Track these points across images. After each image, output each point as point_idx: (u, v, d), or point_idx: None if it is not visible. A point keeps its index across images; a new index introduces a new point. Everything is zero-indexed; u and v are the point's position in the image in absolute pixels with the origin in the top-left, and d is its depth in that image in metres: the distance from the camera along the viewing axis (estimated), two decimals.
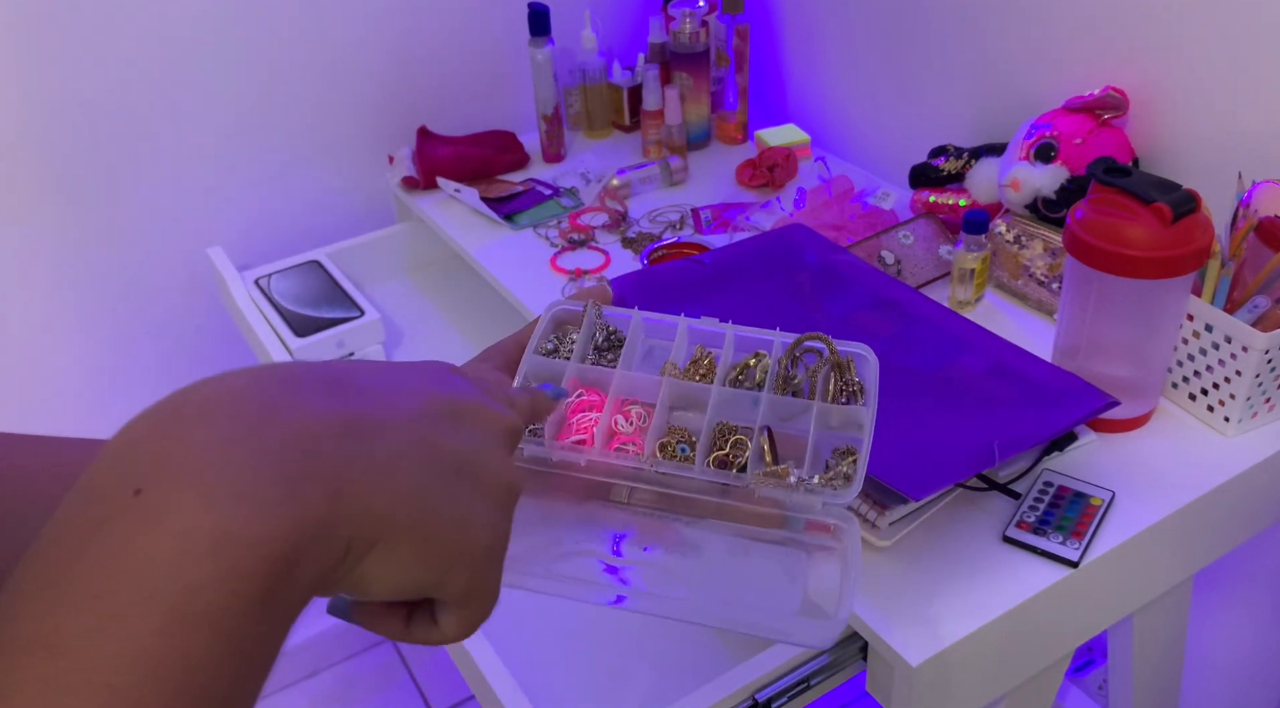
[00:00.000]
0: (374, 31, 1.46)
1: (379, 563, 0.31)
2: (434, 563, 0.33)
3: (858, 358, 0.59)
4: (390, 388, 0.35)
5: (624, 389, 0.58)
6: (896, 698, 0.77)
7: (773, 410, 0.58)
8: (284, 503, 0.28)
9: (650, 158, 1.50)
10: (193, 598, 0.26)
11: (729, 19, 1.50)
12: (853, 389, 0.59)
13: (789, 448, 0.57)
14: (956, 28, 1.28)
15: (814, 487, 0.54)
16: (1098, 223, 0.85)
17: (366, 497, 0.30)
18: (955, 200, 1.20)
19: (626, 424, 0.58)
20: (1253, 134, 1.00)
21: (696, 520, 0.55)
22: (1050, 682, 0.94)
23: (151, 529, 0.26)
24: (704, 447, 0.56)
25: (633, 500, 0.56)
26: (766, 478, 0.54)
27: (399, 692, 1.88)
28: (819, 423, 0.57)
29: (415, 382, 0.36)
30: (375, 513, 0.31)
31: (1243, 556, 1.21)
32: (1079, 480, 0.87)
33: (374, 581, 0.32)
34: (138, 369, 1.50)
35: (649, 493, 0.55)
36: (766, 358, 0.59)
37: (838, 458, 0.57)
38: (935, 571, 0.81)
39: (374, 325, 1.26)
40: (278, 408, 0.30)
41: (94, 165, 1.35)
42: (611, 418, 0.57)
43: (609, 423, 0.57)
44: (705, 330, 0.61)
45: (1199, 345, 0.92)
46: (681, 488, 0.55)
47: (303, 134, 1.47)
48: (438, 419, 0.35)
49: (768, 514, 0.55)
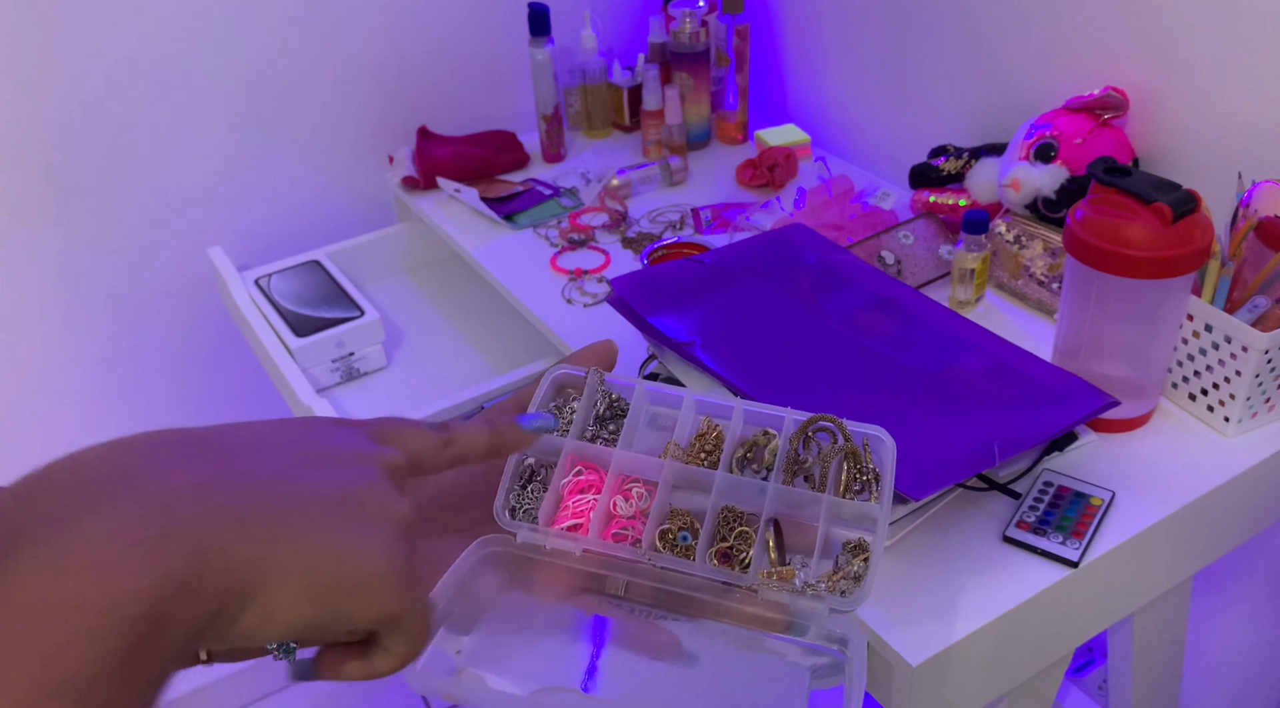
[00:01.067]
0: (374, 31, 1.46)
1: (263, 608, 0.31)
2: (324, 599, 0.33)
3: (873, 441, 0.55)
4: (253, 446, 0.35)
5: (624, 468, 0.55)
6: (896, 698, 0.77)
7: (781, 500, 0.54)
8: (141, 562, 0.28)
9: (650, 158, 1.50)
10: (51, 666, 0.26)
11: (729, 19, 1.50)
12: (868, 478, 0.54)
13: (798, 536, 0.54)
14: (956, 28, 1.28)
15: (820, 592, 0.51)
16: (1098, 223, 0.85)
17: (232, 548, 0.31)
18: (955, 200, 1.20)
19: (626, 506, 0.54)
20: (1253, 134, 1.00)
21: (694, 619, 0.52)
22: (1050, 682, 0.94)
23: (5, 600, 0.27)
24: (706, 536, 0.53)
25: (628, 595, 0.52)
26: (770, 579, 0.51)
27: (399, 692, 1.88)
28: (829, 516, 0.54)
29: (278, 438, 0.36)
30: (244, 562, 0.31)
31: (1243, 556, 1.21)
32: (1079, 480, 0.87)
33: (264, 624, 0.32)
34: (138, 369, 1.50)
35: (645, 587, 0.52)
36: (776, 438, 0.56)
37: (849, 555, 0.53)
38: (935, 571, 0.81)
39: (374, 325, 1.26)
40: (135, 475, 0.31)
41: (94, 165, 1.35)
42: (610, 499, 0.54)
43: (607, 504, 0.54)
44: (713, 403, 0.57)
45: (1199, 345, 0.92)
46: (680, 584, 0.52)
47: (303, 134, 1.47)
48: (304, 466, 0.35)
49: (770, 618, 0.51)
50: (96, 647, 0.27)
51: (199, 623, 0.30)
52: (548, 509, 0.53)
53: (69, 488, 0.30)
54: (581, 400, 0.55)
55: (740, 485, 0.54)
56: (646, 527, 0.53)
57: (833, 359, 0.91)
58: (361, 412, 1.22)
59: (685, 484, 0.56)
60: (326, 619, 0.33)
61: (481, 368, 1.31)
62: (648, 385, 0.57)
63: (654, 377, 0.96)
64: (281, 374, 1.21)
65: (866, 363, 0.91)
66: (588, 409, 0.56)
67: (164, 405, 1.55)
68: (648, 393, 0.57)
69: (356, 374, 1.28)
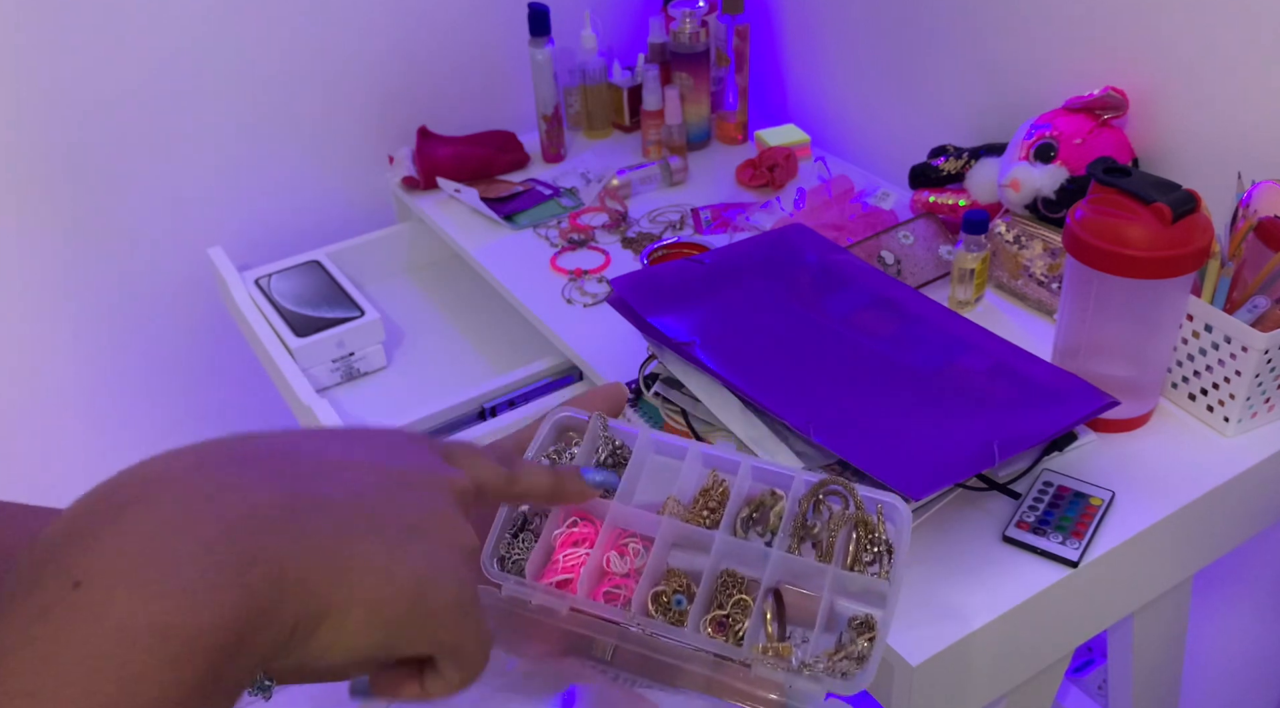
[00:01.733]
0: (374, 32, 1.46)
1: (329, 635, 0.32)
2: (391, 627, 0.33)
3: (888, 509, 0.50)
4: (334, 462, 0.35)
5: (621, 521, 0.52)
6: (896, 698, 0.77)
7: (784, 568, 0.50)
8: (226, 592, 0.28)
9: (650, 158, 1.50)
10: (130, 692, 0.26)
11: (729, 19, 1.50)
12: (879, 550, 0.50)
13: (801, 606, 0.50)
14: (956, 28, 1.28)
15: (817, 673, 0.47)
16: (1098, 223, 0.85)
17: (310, 576, 0.31)
18: (955, 200, 1.20)
19: (621, 563, 0.51)
20: (1253, 134, 1.00)
21: (680, 692, 0.49)
22: (1050, 682, 0.94)
23: (90, 623, 0.27)
24: (702, 601, 0.49)
25: (615, 661, 0.49)
26: (765, 654, 0.48)
27: None
28: (834, 589, 0.50)
29: (360, 454, 0.36)
30: (320, 591, 0.31)
31: (1243, 556, 1.21)
32: (1079, 480, 0.87)
33: (327, 651, 0.32)
34: (138, 369, 1.50)
35: (633, 653, 0.49)
36: (783, 499, 0.52)
37: (853, 633, 0.50)
38: (935, 571, 0.81)
39: (374, 325, 1.26)
40: (217, 494, 0.30)
41: (94, 165, 1.35)
42: (604, 555, 0.51)
43: (600, 560, 0.51)
44: (719, 456, 0.53)
45: (1199, 345, 0.92)
46: (670, 653, 0.48)
47: (303, 134, 1.47)
48: (382, 489, 0.35)
49: (763, 697, 0.48)
50: (176, 673, 0.27)
51: (271, 650, 0.30)
52: (537, 562, 0.50)
53: (149, 502, 0.29)
54: (582, 446, 0.52)
55: (742, 549, 0.51)
56: (639, 587, 0.49)
57: (832, 359, 0.91)
58: (361, 411, 1.22)
59: (684, 543, 0.52)
60: (392, 645, 0.33)
61: (481, 368, 1.31)
62: (652, 434, 0.54)
63: (654, 377, 0.96)
64: (281, 374, 1.21)
65: (866, 363, 0.91)
66: (588, 456, 0.52)
67: (165, 405, 1.55)
68: (652, 442, 0.54)
69: (356, 374, 1.28)
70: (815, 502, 0.51)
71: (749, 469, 0.52)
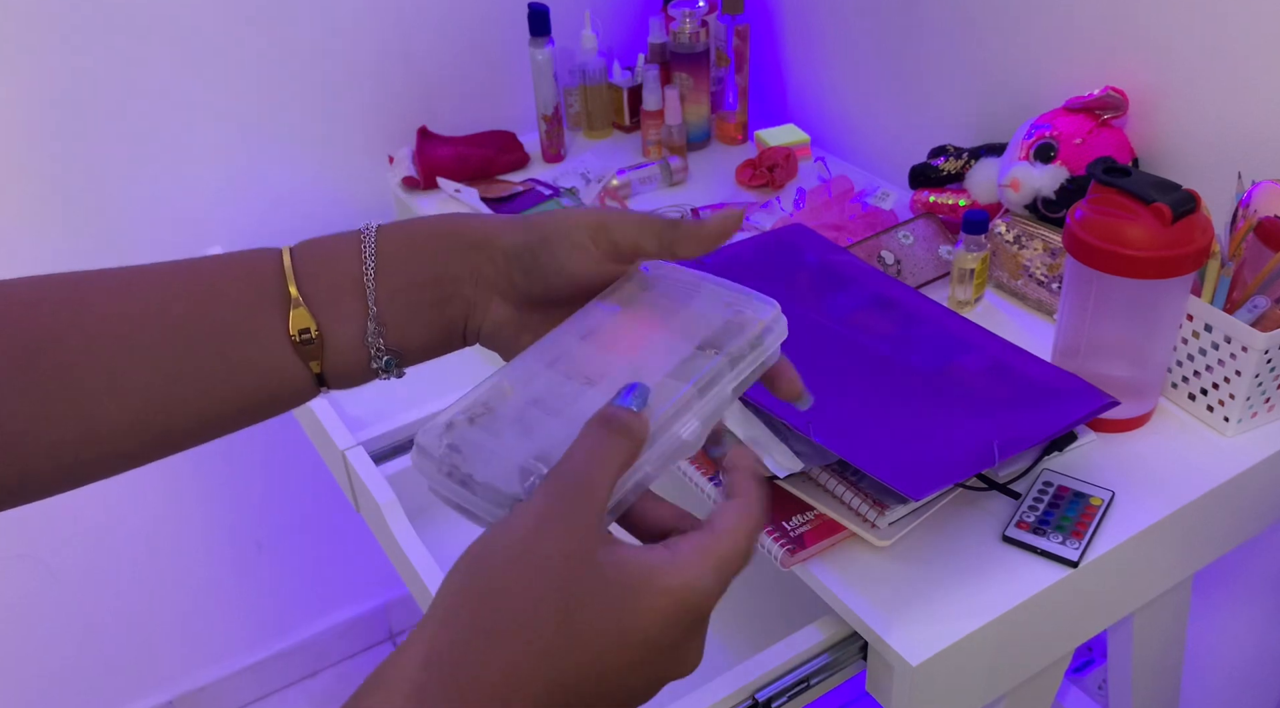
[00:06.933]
0: (374, 31, 1.46)
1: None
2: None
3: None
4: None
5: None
6: (896, 698, 0.77)
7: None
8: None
9: (650, 158, 1.50)
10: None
11: (729, 19, 1.50)
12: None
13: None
14: (956, 28, 1.28)
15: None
16: (1097, 223, 0.85)
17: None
18: (955, 200, 1.20)
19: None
20: (1253, 134, 1.00)
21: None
22: (1050, 682, 0.94)
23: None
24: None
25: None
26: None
27: None
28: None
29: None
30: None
31: (1243, 556, 1.21)
32: (1079, 480, 0.87)
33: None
34: None
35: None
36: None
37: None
38: (935, 570, 0.81)
39: None
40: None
41: (93, 165, 1.35)
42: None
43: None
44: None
45: (1199, 345, 0.92)
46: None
47: (303, 134, 1.47)
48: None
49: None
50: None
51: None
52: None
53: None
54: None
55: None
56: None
57: (832, 359, 0.92)
58: (362, 411, 1.22)
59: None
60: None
61: (481, 368, 1.30)
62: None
63: None
64: None
65: (866, 363, 0.91)
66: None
67: None
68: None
69: None
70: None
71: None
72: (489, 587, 0.36)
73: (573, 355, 0.49)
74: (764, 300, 0.50)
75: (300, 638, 1.87)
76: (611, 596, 0.36)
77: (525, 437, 0.44)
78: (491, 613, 0.36)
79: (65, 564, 1.57)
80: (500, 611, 0.36)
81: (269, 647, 1.85)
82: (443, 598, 0.37)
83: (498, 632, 0.35)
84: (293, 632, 1.86)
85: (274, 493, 1.71)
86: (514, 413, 0.46)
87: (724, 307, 0.50)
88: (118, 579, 1.63)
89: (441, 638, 0.36)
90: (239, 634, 1.81)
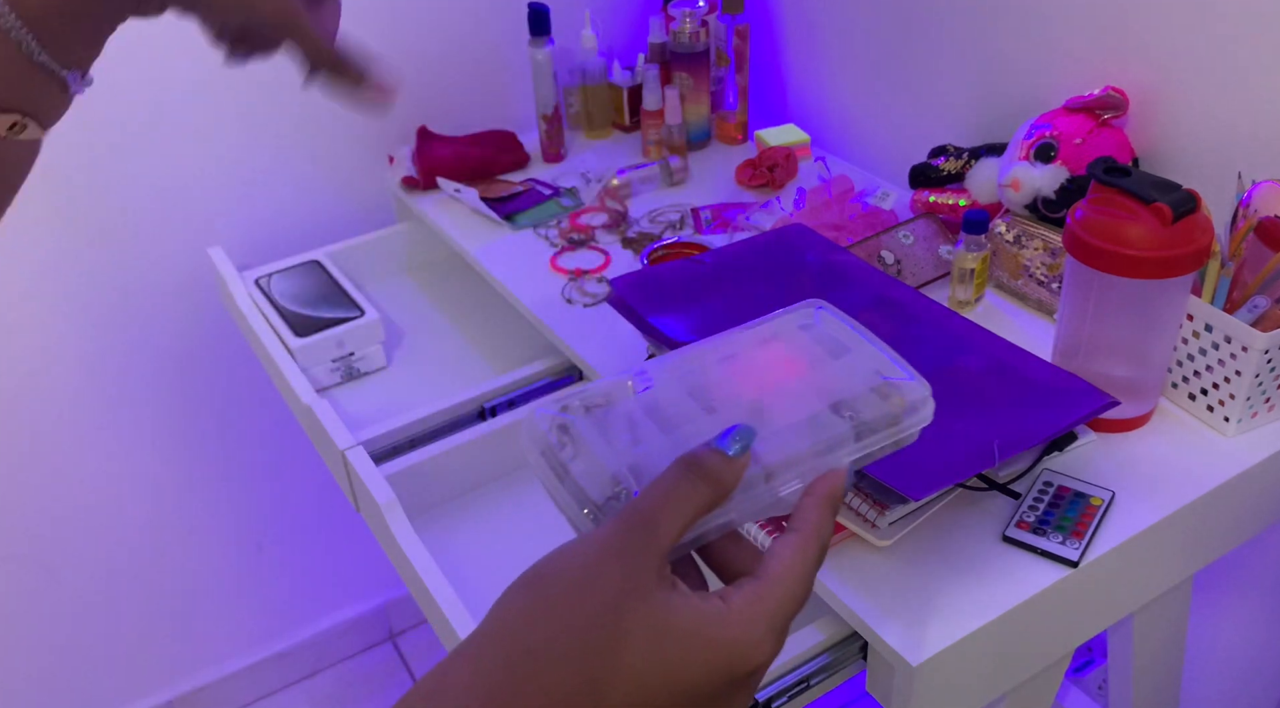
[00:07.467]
0: (374, 31, 1.46)
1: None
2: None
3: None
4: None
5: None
6: (896, 698, 0.77)
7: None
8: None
9: (650, 158, 1.50)
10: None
11: (729, 19, 1.50)
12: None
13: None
14: (956, 28, 1.28)
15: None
16: (1098, 223, 0.85)
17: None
18: (955, 200, 1.20)
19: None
20: (1253, 134, 1.00)
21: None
22: (1050, 682, 0.94)
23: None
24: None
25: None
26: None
27: (399, 692, 1.88)
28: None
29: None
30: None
31: (1243, 555, 1.21)
32: (1079, 480, 0.87)
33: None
34: (137, 369, 1.50)
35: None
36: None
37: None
38: (935, 570, 0.81)
39: (374, 325, 1.26)
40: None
41: (93, 164, 1.35)
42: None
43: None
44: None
45: (1199, 345, 0.92)
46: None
47: (303, 134, 1.47)
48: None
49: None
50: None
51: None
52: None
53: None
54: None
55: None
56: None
57: None
58: (362, 411, 1.22)
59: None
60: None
61: (481, 368, 1.31)
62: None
63: None
64: (281, 374, 1.21)
65: None
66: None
67: (164, 406, 1.55)
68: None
69: (356, 374, 1.28)
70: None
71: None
72: (543, 610, 0.36)
73: (706, 374, 0.47)
74: (917, 379, 0.48)
75: (300, 638, 1.87)
76: (661, 640, 0.36)
77: (629, 444, 0.43)
78: (542, 637, 0.36)
79: (65, 564, 1.57)
80: (551, 636, 0.36)
81: (269, 647, 1.85)
82: (497, 614, 0.37)
83: (547, 656, 0.35)
84: (293, 632, 1.86)
85: (274, 493, 1.71)
86: (628, 415, 0.45)
87: (873, 373, 0.48)
88: (117, 579, 1.63)
89: (489, 655, 0.36)
90: (239, 634, 1.81)
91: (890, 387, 0.47)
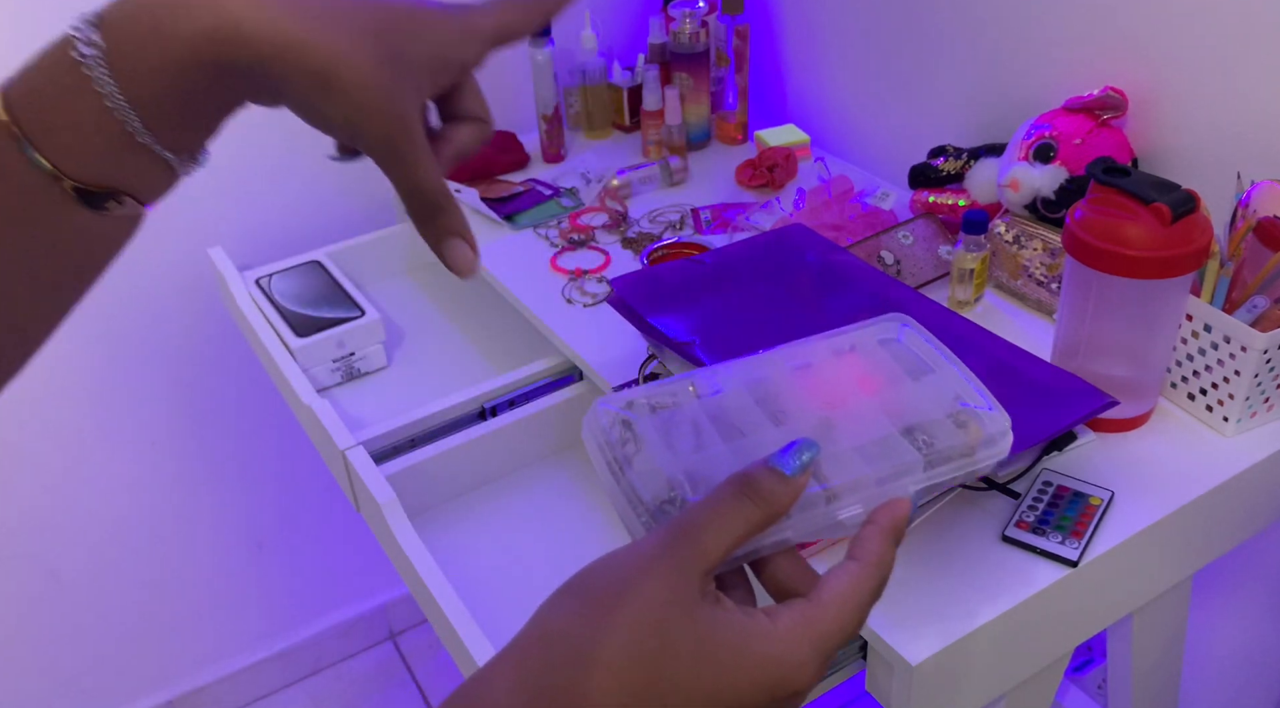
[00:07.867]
0: None
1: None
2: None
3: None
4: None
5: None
6: (896, 698, 0.77)
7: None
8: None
9: (650, 158, 1.50)
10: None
11: (729, 19, 1.51)
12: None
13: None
14: (956, 28, 1.28)
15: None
16: (1097, 223, 0.85)
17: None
18: (955, 200, 1.20)
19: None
20: (1252, 134, 1.00)
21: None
22: (1050, 681, 0.94)
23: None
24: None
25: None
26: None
27: (399, 691, 1.88)
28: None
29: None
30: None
31: (1242, 555, 1.21)
32: (1078, 480, 0.87)
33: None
34: (137, 369, 1.51)
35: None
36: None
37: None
38: (935, 570, 0.81)
39: (374, 325, 1.26)
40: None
41: None
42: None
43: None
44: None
45: (1198, 345, 0.92)
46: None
47: (303, 134, 1.47)
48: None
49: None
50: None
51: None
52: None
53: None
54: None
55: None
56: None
57: None
58: (362, 411, 1.22)
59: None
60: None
61: (481, 368, 1.31)
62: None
63: (654, 377, 0.96)
64: (282, 374, 1.21)
65: None
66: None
67: (164, 406, 1.55)
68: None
69: (357, 374, 1.28)
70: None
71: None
72: (588, 618, 0.36)
73: (776, 383, 0.46)
74: (998, 409, 0.45)
75: (300, 638, 1.87)
76: (704, 652, 0.36)
77: (689, 448, 0.42)
78: (586, 643, 0.36)
79: (65, 564, 1.58)
80: (595, 642, 0.36)
81: (269, 647, 1.85)
82: (541, 619, 0.38)
83: (591, 664, 0.35)
84: (293, 632, 1.87)
85: (274, 493, 1.71)
86: (692, 418, 0.44)
87: (952, 399, 0.46)
88: (118, 579, 1.63)
89: (534, 660, 0.36)
90: (239, 634, 1.81)
91: (968, 414, 0.45)
